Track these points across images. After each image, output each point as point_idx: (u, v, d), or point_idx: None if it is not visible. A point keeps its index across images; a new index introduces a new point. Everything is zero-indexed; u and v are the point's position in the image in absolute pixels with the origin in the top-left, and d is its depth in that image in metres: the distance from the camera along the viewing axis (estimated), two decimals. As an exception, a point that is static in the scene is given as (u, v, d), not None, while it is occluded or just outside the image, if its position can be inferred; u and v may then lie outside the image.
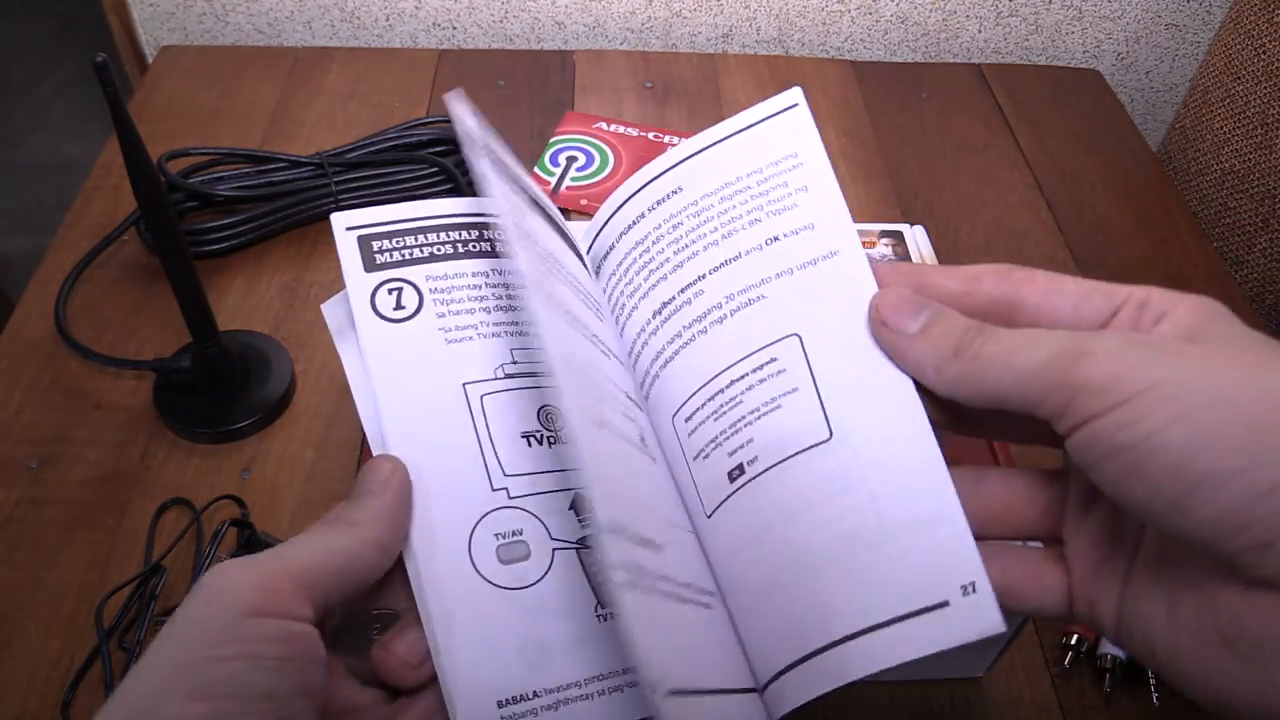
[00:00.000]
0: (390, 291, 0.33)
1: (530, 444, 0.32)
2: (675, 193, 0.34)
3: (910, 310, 0.28)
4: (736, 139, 0.34)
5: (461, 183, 0.64)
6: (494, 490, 0.31)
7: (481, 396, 0.32)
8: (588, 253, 0.37)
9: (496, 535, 0.31)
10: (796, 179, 0.32)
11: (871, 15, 0.84)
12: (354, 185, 0.63)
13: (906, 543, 0.28)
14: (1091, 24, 0.85)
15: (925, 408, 0.29)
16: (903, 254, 0.53)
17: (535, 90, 0.76)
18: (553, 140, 0.71)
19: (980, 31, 0.85)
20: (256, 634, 0.24)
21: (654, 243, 0.34)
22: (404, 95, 0.74)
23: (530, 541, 0.31)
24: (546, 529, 0.31)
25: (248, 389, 0.53)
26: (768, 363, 0.31)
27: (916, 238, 0.54)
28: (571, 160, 0.69)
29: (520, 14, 0.83)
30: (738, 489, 0.31)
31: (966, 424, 0.30)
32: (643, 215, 0.35)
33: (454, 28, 0.83)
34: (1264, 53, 0.70)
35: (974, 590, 0.27)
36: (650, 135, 0.71)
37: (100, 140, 0.70)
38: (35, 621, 0.45)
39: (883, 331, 0.29)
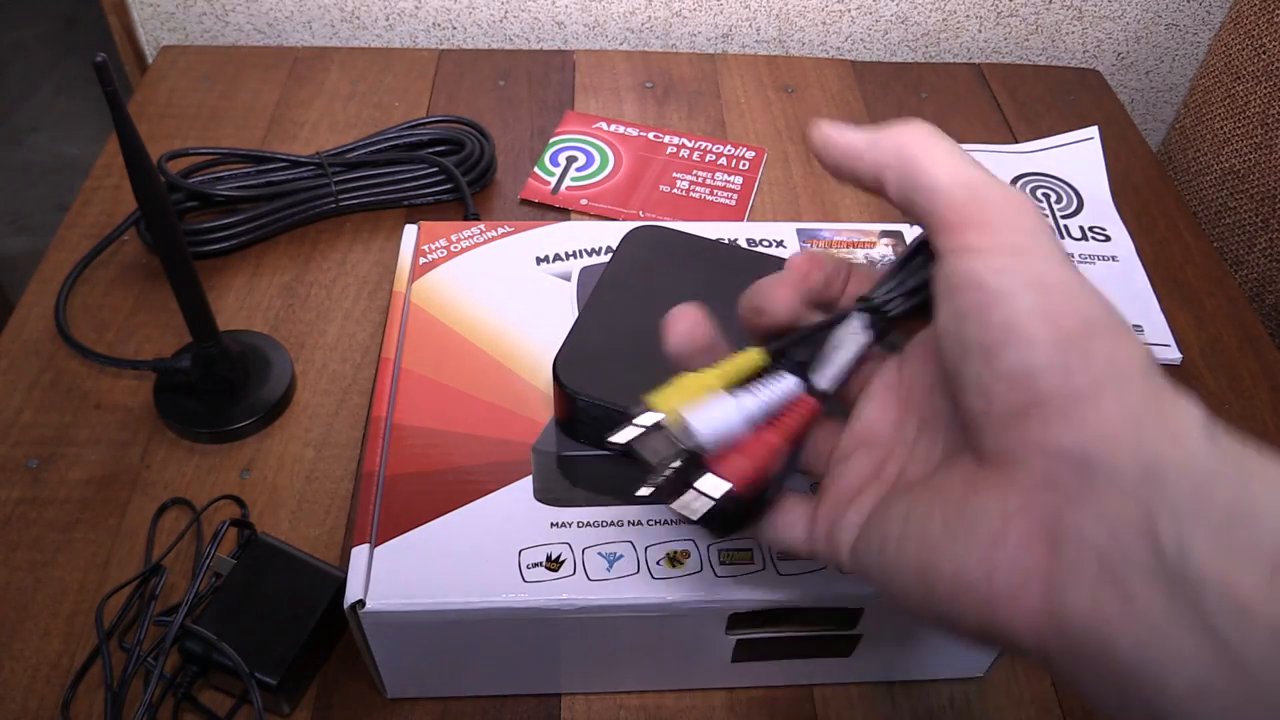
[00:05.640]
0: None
1: None
2: None
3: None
4: None
5: (461, 183, 0.64)
6: None
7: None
8: None
9: None
10: None
11: (871, 15, 0.84)
12: (354, 185, 0.63)
13: None
14: (1091, 24, 0.85)
15: None
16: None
17: (535, 90, 0.76)
18: (553, 140, 0.71)
19: (980, 31, 0.85)
20: None
21: None
22: (404, 95, 0.74)
23: None
24: None
25: (248, 389, 0.53)
26: None
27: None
28: (571, 160, 0.69)
29: (520, 14, 0.83)
30: None
31: None
32: None
33: (454, 28, 0.83)
34: (1264, 53, 0.70)
35: None
36: (650, 135, 0.71)
37: (100, 140, 0.70)
38: (35, 621, 0.45)
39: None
